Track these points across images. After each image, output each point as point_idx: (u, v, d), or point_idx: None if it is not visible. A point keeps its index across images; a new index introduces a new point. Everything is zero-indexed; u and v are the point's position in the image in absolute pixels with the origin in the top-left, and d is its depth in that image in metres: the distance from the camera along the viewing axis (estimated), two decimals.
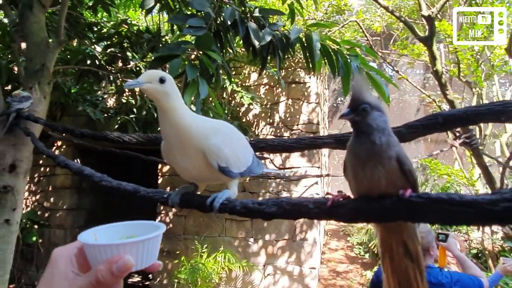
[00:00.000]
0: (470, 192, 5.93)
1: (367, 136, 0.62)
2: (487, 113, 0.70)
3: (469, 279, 2.14)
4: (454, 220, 0.46)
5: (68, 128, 1.67)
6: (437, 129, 0.78)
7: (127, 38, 3.54)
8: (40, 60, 2.26)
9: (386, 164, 0.60)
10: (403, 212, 0.54)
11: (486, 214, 0.43)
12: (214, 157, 0.84)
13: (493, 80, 5.55)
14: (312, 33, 1.90)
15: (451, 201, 0.46)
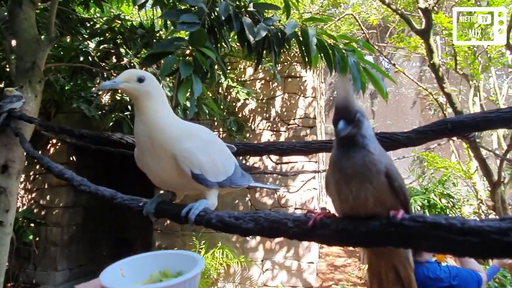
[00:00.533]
0: (468, 185, 5.94)
1: (358, 150, 0.54)
2: (496, 120, 0.66)
3: (468, 273, 2.14)
4: (455, 250, 0.41)
5: (66, 129, 1.63)
6: (445, 134, 0.75)
7: (120, 34, 3.48)
8: (30, 58, 2.22)
9: (374, 180, 0.53)
10: (394, 237, 0.47)
11: (494, 245, 0.37)
12: (187, 162, 0.78)
13: (490, 73, 5.54)
14: (308, 28, 1.87)
15: (450, 227, 0.40)
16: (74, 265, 6.35)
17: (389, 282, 0.60)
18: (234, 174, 0.89)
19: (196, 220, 0.78)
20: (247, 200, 5.55)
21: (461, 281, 2.08)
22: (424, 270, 2.10)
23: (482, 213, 5.39)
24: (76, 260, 6.36)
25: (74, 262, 6.34)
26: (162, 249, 5.68)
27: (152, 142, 0.79)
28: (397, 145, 0.81)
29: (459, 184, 6.19)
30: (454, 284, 2.06)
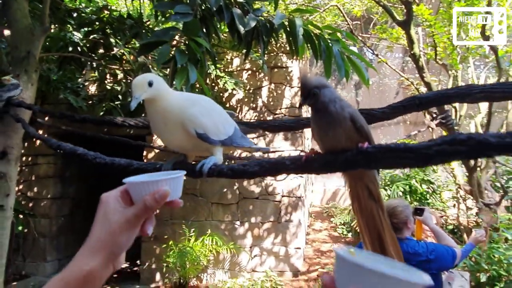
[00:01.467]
0: (447, 171, 6.19)
1: (325, 109, 0.74)
2: (454, 96, 0.80)
3: (443, 249, 2.31)
4: (400, 163, 0.58)
5: (67, 114, 1.70)
6: (414, 109, 0.88)
7: (108, 24, 3.51)
8: (25, 48, 2.26)
9: (343, 124, 0.72)
10: (362, 161, 0.66)
11: (423, 156, 0.55)
12: (192, 124, 0.93)
13: (469, 63, 5.74)
14: (295, 19, 1.97)
15: (397, 149, 0.59)
16: (63, 256, 6.38)
17: (364, 197, 0.78)
18: (234, 135, 1.04)
19: (208, 172, 0.94)
20: (235, 189, 5.67)
21: (437, 255, 2.25)
22: (403, 246, 2.25)
23: (460, 197, 5.65)
24: (65, 251, 6.39)
25: (63, 253, 6.37)
26: (152, 238, 5.76)
27: (164, 117, 0.95)
28: (374, 119, 0.95)
29: (439, 170, 6.45)
30: (431, 258, 2.23)
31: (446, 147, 0.51)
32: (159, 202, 0.62)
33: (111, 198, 0.63)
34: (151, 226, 0.66)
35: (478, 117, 5.57)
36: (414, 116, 8.44)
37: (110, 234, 0.60)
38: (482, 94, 0.75)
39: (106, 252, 0.60)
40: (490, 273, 3.79)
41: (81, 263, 0.59)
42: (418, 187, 6.02)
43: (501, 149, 0.47)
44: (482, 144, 0.48)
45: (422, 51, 5.33)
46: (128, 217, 0.61)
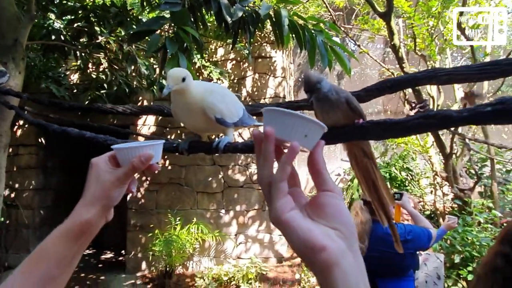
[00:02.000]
0: (425, 159, 6.42)
1: (326, 97, 0.89)
2: (422, 78, 0.90)
3: (420, 230, 2.46)
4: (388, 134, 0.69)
5: (55, 102, 1.73)
6: (387, 91, 0.98)
7: (92, 12, 3.48)
8: (12, 36, 2.25)
9: (340, 106, 0.87)
10: (359, 133, 0.80)
11: (404, 128, 0.69)
12: (211, 111, 1.07)
13: (446, 54, 5.92)
14: (281, 9, 2.03)
15: (385, 123, 0.71)
16: None
17: (360, 156, 0.95)
18: (243, 116, 1.19)
19: (224, 149, 1.08)
20: (220, 178, 5.74)
21: (414, 236, 2.39)
22: (382, 227, 2.38)
23: (437, 184, 5.88)
24: None
25: None
26: (137, 228, 5.80)
27: (188, 106, 1.08)
28: None
29: (418, 158, 6.67)
30: (408, 238, 2.37)
31: (422, 120, 0.63)
32: (144, 164, 0.73)
33: (100, 161, 0.74)
34: (134, 186, 0.78)
35: (455, 106, 5.77)
36: (395, 106, 8.64)
37: (104, 190, 0.71)
38: (447, 76, 0.85)
39: (100, 205, 0.71)
40: (463, 254, 4.00)
41: (80, 215, 0.69)
42: (398, 174, 6.22)
43: (460, 121, 0.58)
44: (447, 117, 0.59)
45: (402, 42, 5.48)
46: (118, 176, 0.72)
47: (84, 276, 5.75)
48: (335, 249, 0.45)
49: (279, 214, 0.48)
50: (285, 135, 0.50)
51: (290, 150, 0.49)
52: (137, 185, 0.81)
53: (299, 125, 0.50)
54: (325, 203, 0.50)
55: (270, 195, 0.50)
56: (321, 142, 0.54)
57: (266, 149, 0.50)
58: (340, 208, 0.50)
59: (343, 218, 0.49)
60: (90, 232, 0.71)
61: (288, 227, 0.48)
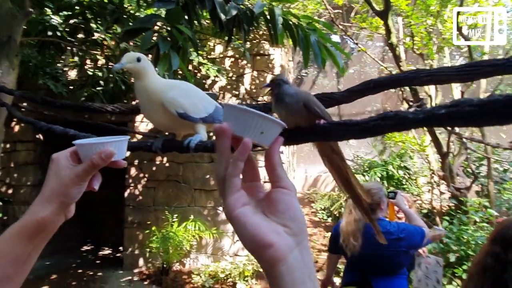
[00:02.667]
0: (422, 158, 6.43)
1: (282, 100, 0.90)
2: (404, 78, 0.91)
3: (413, 228, 2.46)
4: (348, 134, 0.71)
5: (48, 100, 1.73)
6: (370, 91, 0.99)
7: (89, 8, 3.47)
8: (6, 32, 2.24)
9: (299, 113, 0.87)
10: (321, 134, 0.81)
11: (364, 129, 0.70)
12: (172, 106, 1.05)
13: (444, 53, 5.92)
14: (275, 8, 2.03)
15: (345, 124, 0.74)
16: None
17: (330, 153, 0.96)
18: (215, 112, 1.16)
19: (195, 148, 1.06)
20: None
21: (407, 234, 2.40)
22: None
23: (434, 182, 5.89)
24: None
25: None
26: (135, 224, 5.81)
27: (148, 97, 1.07)
28: (334, 103, 1.06)
29: (415, 157, 6.68)
30: (401, 236, 2.37)
31: (380, 122, 0.64)
32: (104, 160, 0.71)
33: (61, 157, 0.72)
34: (97, 182, 0.77)
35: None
36: (393, 104, 8.64)
37: (62, 187, 0.69)
38: (428, 77, 0.86)
39: (58, 202, 0.69)
40: (459, 253, 4.02)
41: (36, 212, 0.68)
42: (395, 173, 6.23)
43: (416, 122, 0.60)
44: (403, 119, 0.61)
45: (401, 40, 5.47)
46: (77, 172, 0.70)
47: (81, 272, 5.77)
48: (282, 245, 0.46)
49: (231, 210, 0.49)
50: (241, 131, 0.51)
51: (242, 146, 0.49)
52: (100, 182, 0.79)
53: (255, 122, 0.51)
54: (278, 199, 0.51)
55: (224, 191, 0.51)
56: (279, 139, 0.55)
57: (222, 144, 0.51)
58: (292, 204, 0.51)
59: (294, 215, 0.50)
60: (47, 231, 0.69)
61: (238, 222, 0.48)
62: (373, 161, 6.84)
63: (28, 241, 0.67)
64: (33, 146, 6.05)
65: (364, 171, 6.50)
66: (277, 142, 0.54)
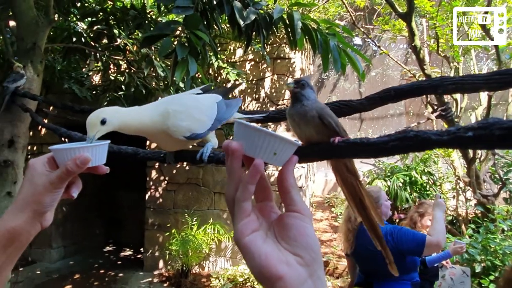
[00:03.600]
0: (447, 163, 6.23)
1: (300, 102, 0.84)
2: (427, 87, 0.86)
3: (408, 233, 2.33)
4: (364, 154, 0.67)
5: (68, 105, 1.77)
6: (390, 100, 0.94)
7: (112, 14, 3.55)
8: (31, 39, 2.32)
9: (312, 123, 0.82)
10: (335, 153, 0.76)
11: (381, 149, 0.65)
12: (177, 134, 0.96)
13: (471, 55, 5.73)
14: (294, 12, 2.01)
15: (361, 143, 0.68)
16: (68, 243, 6.53)
17: (344, 172, 0.91)
18: (219, 114, 1.06)
19: (209, 160, 1.01)
20: None
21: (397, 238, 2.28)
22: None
23: (459, 189, 5.69)
24: (70, 238, 6.54)
25: (68, 240, 6.52)
26: (155, 227, 5.88)
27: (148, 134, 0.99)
28: (352, 111, 1.02)
29: (440, 162, 6.49)
30: (389, 239, 2.27)
31: (398, 143, 0.60)
32: (80, 167, 0.67)
33: (37, 163, 0.69)
34: (76, 190, 0.74)
35: (479, 109, 5.59)
36: (417, 108, 8.44)
37: (35, 195, 0.65)
38: (453, 86, 0.81)
39: (31, 210, 0.65)
40: (485, 263, 3.85)
41: (8, 221, 0.64)
42: (418, 178, 6.07)
43: (439, 144, 0.56)
44: (425, 141, 0.56)
45: (425, 42, 5.33)
46: (51, 179, 0.66)
47: (103, 272, 5.88)
48: (293, 278, 0.44)
49: (239, 237, 0.46)
50: (252, 151, 0.49)
51: (252, 168, 0.46)
52: (80, 189, 0.75)
53: (267, 142, 0.48)
54: (289, 224, 0.48)
55: (233, 214, 0.48)
56: (293, 159, 0.52)
57: (231, 164, 0.48)
58: (304, 231, 0.47)
59: (306, 243, 0.46)
60: (19, 241, 0.64)
61: (247, 251, 0.45)
62: (395, 166, 6.69)
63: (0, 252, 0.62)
64: None
65: (386, 177, 6.36)
66: (291, 162, 0.51)
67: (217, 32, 3.83)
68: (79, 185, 0.74)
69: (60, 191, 0.69)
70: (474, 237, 4.05)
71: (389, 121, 9.07)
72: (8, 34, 3.24)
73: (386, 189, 5.90)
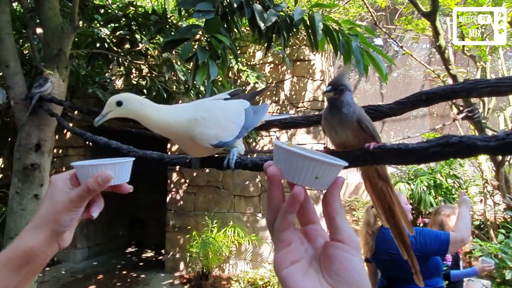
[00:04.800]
0: (474, 166, 6.03)
1: (339, 108, 0.80)
2: (461, 90, 0.82)
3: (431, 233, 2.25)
4: (402, 161, 0.62)
5: (93, 110, 1.80)
6: (421, 104, 0.90)
7: (134, 20, 3.61)
8: (57, 46, 2.38)
9: (350, 126, 0.79)
10: (369, 159, 0.73)
11: (421, 156, 0.62)
12: (205, 142, 0.94)
13: (498, 54, 5.54)
14: (315, 14, 1.98)
15: (399, 149, 0.63)
16: (93, 243, 6.67)
17: (374, 177, 0.88)
18: (246, 121, 1.03)
19: (236, 166, 0.99)
20: (257, 181, 5.73)
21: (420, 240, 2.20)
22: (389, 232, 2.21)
23: (487, 192, 5.50)
24: (94, 239, 6.68)
25: (93, 241, 6.65)
26: (176, 229, 5.93)
27: (173, 135, 0.97)
28: (382, 115, 0.97)
29: (466, 165, 6.28)
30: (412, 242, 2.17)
31: (440, 149, 0.56)
32: (101, 185, 0.64)
33: (59, 180, 0.66)
34: (97, 209, 0.71)
35: (508, 110, 5.39)
36: (441, 109, 8.23)
37: (54, 213, 0.62)
38: (488, 89, 0.76)
39: (49, 229, 0.62)
40: None
41: (24, 240, 0.61)
42: (443, 181, 5.90)
43: (486, 150, 0.51)
44: (470, 147, 0.52)
45: (449, 42, 5.19)
46: (71, 197, 0.63)
47: (126, 273, 5.98)
48: None
49: (277, 269, 0.43)
50: (291, 176, 0.45)
51: (291, 198, 0.42)
52: (101, 209, 0.71)
53: (307, 166, 0.44)
54: (333, 256, 0.43)
55: (273, 242, 0.45)
56: (338, 182, 0.47)
57: (271, 191, 0.44)
58: (349, 264, 0.42)
59: (350, 278, 0.41)
60: (35, 261, 0.61)
61: (284, 285, 0.42)
62: (419, 169, 6.52)
63: (14, 272, 0.59)
64: (84, 151, 6.38)
65: (409, 179, 6.21)
66: (336, 185, 0.46)
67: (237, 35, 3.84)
68: (101, 204, 0.71)
69: (80, 210, 0.66)
70: (504, 242, 3.89)
71: (411, 123, 8.87)
72: (35, 41, 3.34)
73: (409, 193, 5.76)
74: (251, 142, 5.81)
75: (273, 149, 0.49)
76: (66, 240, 0.67)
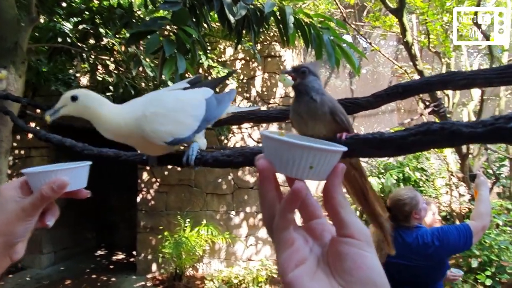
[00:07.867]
0: (440, 159, 6.24)
1: (306, 95, 0.73)
2: (437, 83, 0.80)
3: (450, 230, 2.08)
4: (378, 153, 0.58)
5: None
6: (398, 97, 0.89)
7: (98, 14, 3.46)
8: (12, 39, 2.22)
9: (323, 119, 0.73)
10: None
11: (399, 146, 0.57)
12: (158, 140, 0.86)
13: (462, 51, 5.73)
14: (285, 7, 1.95)
15: (374, 139, 0.59)
16: (59, 248, 6.40)
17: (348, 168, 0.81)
18: (207, 112, 0.94)
19: (195, 163, 0.91)
20: (230, 179, 5.68)
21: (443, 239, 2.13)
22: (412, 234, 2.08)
23: (453, 184, 5.70)
24: (61, 243, 6.41)
25: (59, 245, 6.39)
26: (147, 229, 5.78)
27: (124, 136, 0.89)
28: (359, 108, 0.95)
29: (432, 158, 6.48)
30: (437, 244, 2.10)
31: (420, 137, 0.52)
32: (56, 192, 0.61)
33: (8, 188, 0.62)
34: (52, 218, 0.66)
35: (471, 104, 5.60)
36: (408, 104, 8.45)
37: (6, 224, 0.59)
38: (464, 81, 0.75)
39: (1, 241, 0.59)
40: (481, 258, 3.85)
41: None
42: (411, 174, 6.06)
43: (474, 138, 0.47)
44: (454, 134, 0.48)
45: (415, 39, 5.32)
46: (24, 206, 0.59)
47: (95, 277, 5.78)
48: None
49: (283, 273, 0.38)
50: (283, 168, 0.40)
51: (291, 194, 0.37)
52: (57, 217, 0.67)
53: (300, 155, 0.39)
54: (342, 253, 0.38)
55: (274, 243, 0.40)
56: (337, 170, 0.41)
57: (261, 188, 0.40)
58: (363, 261, 0.37)
59: (365, 277, 0.36)
60: None
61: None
62: (388, 163, 6.67)
63: None
64: (47, 152, 6.10)
65: (379, 173, 6.33)
66: (335, 174, 0.41)
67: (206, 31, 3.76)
68: (56, 212, 0.67)
69: (34, 220, 0.61)
70: None
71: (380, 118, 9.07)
72: None
73: (380, 187, 5.88)
74: (222, 139, 5.74)
75: (262, 140, 0.44)
76: (19, 252, 0.63)
